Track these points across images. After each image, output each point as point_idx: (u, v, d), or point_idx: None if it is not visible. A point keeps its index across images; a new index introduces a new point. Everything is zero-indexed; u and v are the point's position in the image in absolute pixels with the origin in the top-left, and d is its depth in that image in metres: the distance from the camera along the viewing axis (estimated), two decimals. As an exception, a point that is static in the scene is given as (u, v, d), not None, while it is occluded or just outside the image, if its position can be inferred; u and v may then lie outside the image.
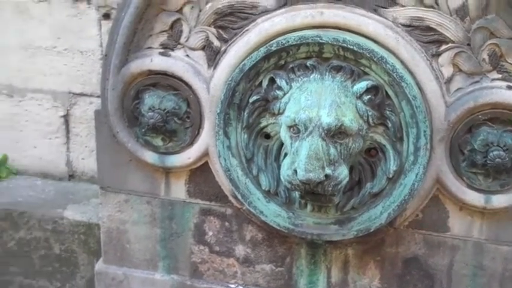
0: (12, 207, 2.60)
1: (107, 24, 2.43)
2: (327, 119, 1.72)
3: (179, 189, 2.19)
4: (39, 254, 2.62)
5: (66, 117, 2.67)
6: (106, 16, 2.42)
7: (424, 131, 1.80)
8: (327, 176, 1.71)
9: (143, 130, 2.08)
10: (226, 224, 2.19)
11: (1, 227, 2.61)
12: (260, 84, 1.88)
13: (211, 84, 1.98)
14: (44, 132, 2.70)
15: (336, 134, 1.74)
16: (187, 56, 2.00)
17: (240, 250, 2.20)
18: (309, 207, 1.97)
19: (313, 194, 1.80)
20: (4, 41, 2.58)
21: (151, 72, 2.01)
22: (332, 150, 1.73)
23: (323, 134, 1.72)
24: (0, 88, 2.67)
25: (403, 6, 1.81)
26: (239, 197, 2.03)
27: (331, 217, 1.98)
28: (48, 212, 2.57)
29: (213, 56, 1.97)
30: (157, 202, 2.23)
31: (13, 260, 2.66)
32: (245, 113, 1.91)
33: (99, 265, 2.38)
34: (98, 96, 2.56)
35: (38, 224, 2.57)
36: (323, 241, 2.05)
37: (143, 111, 2.05)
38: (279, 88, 1.83)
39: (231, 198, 2.12)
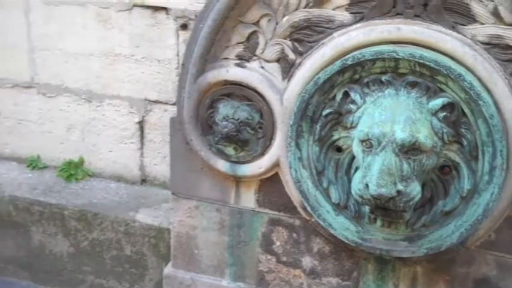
0: (87, 208, 2.68)
1: (184, 35, 2.49)
2: (401, 134, 1.71)
3: (249, 198, 2.21)
4: (111, 254, 2.70)
5: (141, 124, 2.74)
6: (183, 26, 2.48)
7: (501, 151, 1.77)
8: (398, 191, 1.71)
9: (216, 139, 2.13)
10: (294, 235, 2.20)
11: (76, 227, 2.70)
12: (334, 97, 1.89)
13: (284, 96, 2.00)
14: (119, 137, 2.79)
15: (409, 150, 1.73)
16: (262, 67, 2.02)
17: (307, 262, 2.21)
18: (378, 222, 1.96)
19: (384, 209, 1.79)
20: (86, 48, 2.67)
21: (226, 83, 2.05)
22: (405, 166, 1.73)
23: (396, 149, 1.72)
24: (80, 93, 2.76)
25: (482, 24, 1.79)
26: (308, 208, 2.04)
27: (400, 233, 1.97)
28: (121, 214, 2.64)
29: (288, 69, 1.99)
30: (227, 210, 2.27)
31: (86, 259, 2.74)
32: (317, 126, 1.92)
33: (168, 269, 2.43)
34: (173, 104, 2.64)
35: (111, 226, 2.64)
36: (392, 257, 2.03)
37: (217, 120, 2.10)
38: (353, 102, 1.84)
39: (300, 209, 2.13)
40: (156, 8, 2.51)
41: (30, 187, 2.82)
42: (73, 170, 2.87)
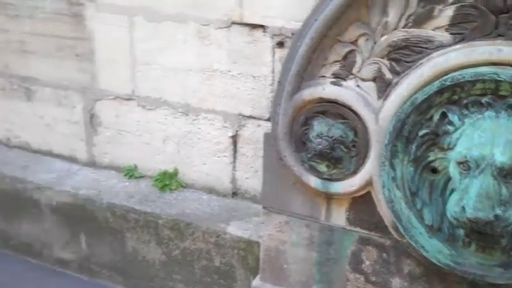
0: (180, 218, 2.76)
1: (280, 52, 2.53)
2: (500, 157, 1.68)
3: (339, 216, 2.22)
4: (201, 264, 2.76)
5: (234, 138, 2.80)
6: (280, 44, 2.52)
7: None
8: (496, 216, 1.67)
9: (309, 155, 2.15)
10: (384, 255, 2.19)
11: (168, 236, 2.79)
12: (431, 118, 1.87)
13: (380, 115, 2.00)
14: (213, 150, 2.86)
15: (509, 173, 1.69)
16: (358, 86, 2.03)
17: (397, 283, 2.18)
18: (473, 246, 1.91)
19: (480, 233, 1.76)
20: (185, 63, 2.76)
21: (322, 100, 2.07)
22: (504, 191, 1.69)
23: (495, 172, 1.68)
24: (178, 107, 2.86)
25: None
26: (400, 229, 2.02)
27: (496, 259, 1.91)
28: (212, 225, 2.71)
29: (384, 88, 1.99)
30: (317, 226, 2.28)
31: (177, 267, 2.82)
32: (413, 146, 1.91)
33: (256, 282, 2.47)
34: (266, 120, 2.68)
35: (202, 236, 2.71)
36: (486, 283, 1.97)
37: (311, 137, 2.12)
38: (451, 123, 1.82)
39: (391, 229, 2.11)
40: (254, 26, 2.56)
41: (127, 195, 2.94)
42: (168, 181, 2.97)
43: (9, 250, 3.23)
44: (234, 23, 2.60)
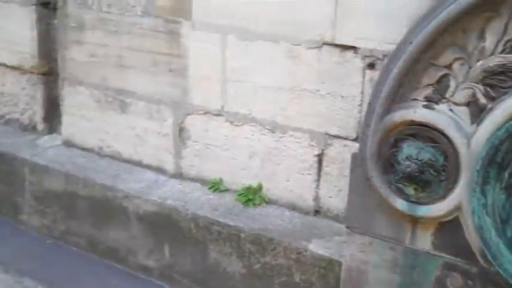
0: (262, 232, 2.81)
1: (370, 73, 2.55)
2: None
3: (425, 240, 2.20)
4: (281, 280, 2.79)
5: (320, 157, 2.82)
6: (371, 66, 2.54)
7: None
8: None
9: (397, 177, 2.15)
10: (470, 282, 2.15)
11: (250, 250, 2.84)
12: (526, 145, 1.85)
13: (472, 140, 1.98)
14: (298, 167, 2.89)
15: None
16: (451, 110, 2.03)
17: (482, 311, 2.15)
18: None
19: None
20: (275, 82, 2.82)
21: (413, 123, 2.08)
22: None
23: None
24: (265, 124, 2.92)
25: None
26: (489, 257, 1.99)
27: None
28: (294, 242, 2.73)
29: (478, 113, 1.98)
30: (401, 249, 2.27)
31: (257, 281, 2.86)
32: (506, 173, 1.89)
33: (336, 301, 2.48)
34: (353, 140, 2.70)
35: (284, 252, 2.74)
36: None
37: (400, 160, 2.12)
38: (547, 152, 1.79)
39: (479, 256, 2.08)
40: (345, 47, 2.60)
41: (211, 208, 3.01)
42: (251, 195, 3.03)
43: (96, 254, 3.36)
44: (325, 43, 2.65)
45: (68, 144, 3.60)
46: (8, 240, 3.50)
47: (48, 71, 3.64)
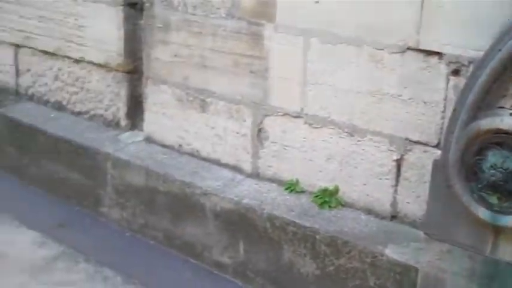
0: (338, 235, 2.82)
1: (454, 80, 2.52)
2: None
3: (507, 250, 2.17)
4: (354, 283, 2.80)
5: (399, 162, 2.81)
6: (455, 72, 2.51)
7: None
8: None
9: (480, 186, 2.13)
10: (553, 295, 2.11)
11: (325, 252, 2.86)
12: None
13: (561, 150, 1.95)
14: (375, 172, 2.89)
15: None
16: (538, 119, 2.00)
17: None
18: None
19: None
20: (356, 85, 2.83)
21: (499, 131, 2.05)
22: None
23: None
24: (344, 127, 2.93)
25: None
26: None
27: None
28: (369, 246, 2.73)
29: None
30: (480, 258, 2.25)
31: (330, 283, 2.88)
32: None
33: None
34: (433, 146, 2.68)
35: (358, 255, 2.75)
36: None
37: (484, 168, 2.10)
38: None
39: None
40: (429, 53, 2.58)
41: (287, 208, 3.05)
42: (327, 198, 3.04)
43: (173, 249, 3.45)
44: (409, 48, 2.64)
45: (149, 140, 3.72)
46: (90, 232, 3.65)
47: (133, 69, 3.77)
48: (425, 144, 2.71)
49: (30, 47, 4.30)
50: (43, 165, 4.02)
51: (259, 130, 3.24)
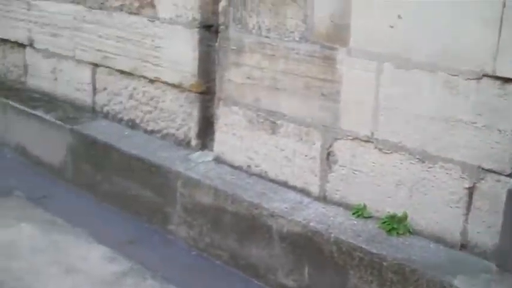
0: (406, 263, 2.77)
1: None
2: None
3: None
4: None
5: (470, 190, 2.75)
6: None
7: None
8: None
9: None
10: None
11: (391, 279, 2.81)
12: None
13: None
14: (446, 199, 2.84)
15: None
16: None
17: None
18: None
19: None
20: (429, 111, 2.80)
21: None
22: None
23: None
24: (415, 153, 2.89)
25: None
26: None
27: None
28: (438, 275, 2.67)
29: None
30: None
31: (396, 312, 2.83)
32: None
33: None
34: (507, 175, 2.61)
35: (426, 285, 2.69)
36: None
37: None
38: None
39: None
40: (507, 80, 2.54)
41: (354, 233, 3.02)
42: (395, 224, 3.00)
43: (237, 269, 3.47)
44: (485, 75, 2.60)
45: (218, 160, 3.78)
46: (157, 249, 3.72)
47: (206, 90, 3.85)
48: (499, 173, 2.65)
49: (107, 67, 4.47)
50: (116, 182, 4.14)
51: (328, 153, 3.24)
